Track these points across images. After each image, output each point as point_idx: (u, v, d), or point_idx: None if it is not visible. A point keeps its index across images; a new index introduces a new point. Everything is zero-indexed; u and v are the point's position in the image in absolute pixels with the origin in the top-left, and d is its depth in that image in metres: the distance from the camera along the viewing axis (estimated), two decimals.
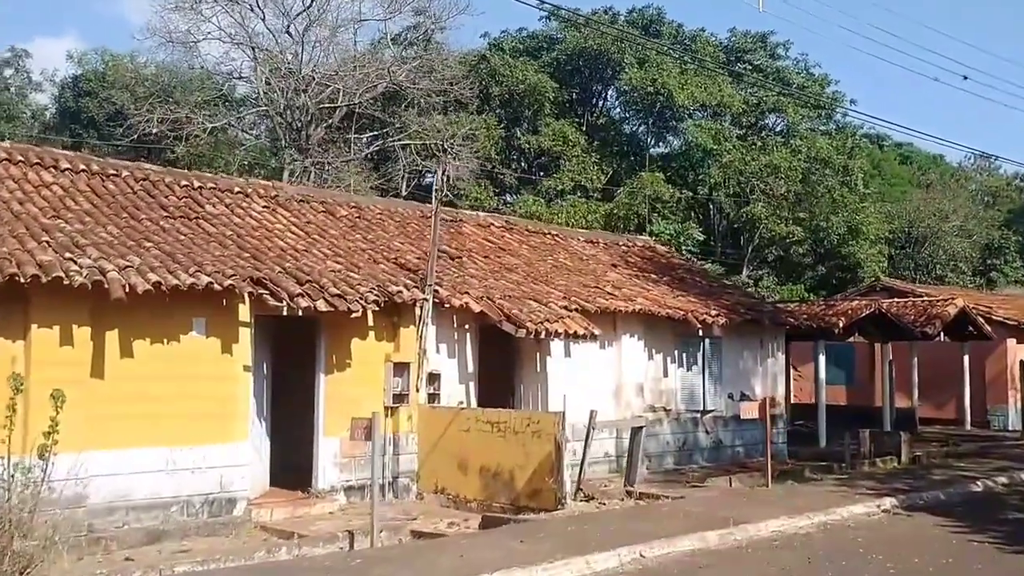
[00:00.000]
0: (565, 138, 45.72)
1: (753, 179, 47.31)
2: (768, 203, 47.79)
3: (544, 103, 46.58)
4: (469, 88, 41.35)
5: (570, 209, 44.09)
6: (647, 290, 21.04)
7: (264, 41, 38.16)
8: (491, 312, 16.67)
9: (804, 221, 49.13)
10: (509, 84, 45.65)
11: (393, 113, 40.25)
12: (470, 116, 43.84)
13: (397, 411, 16.23)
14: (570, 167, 45.75)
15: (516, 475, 14.99)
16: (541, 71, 46.85)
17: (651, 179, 45.49)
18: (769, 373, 22.82)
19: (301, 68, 36.85)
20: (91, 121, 40.64)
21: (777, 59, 52.97)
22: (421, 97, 40.34)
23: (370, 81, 38.82)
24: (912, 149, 67.09)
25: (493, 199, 44.32)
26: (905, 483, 17.00)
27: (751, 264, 51.99)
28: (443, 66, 41.68)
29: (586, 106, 50.32)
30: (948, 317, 26.88)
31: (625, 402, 19.75)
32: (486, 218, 22.52)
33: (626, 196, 45.71)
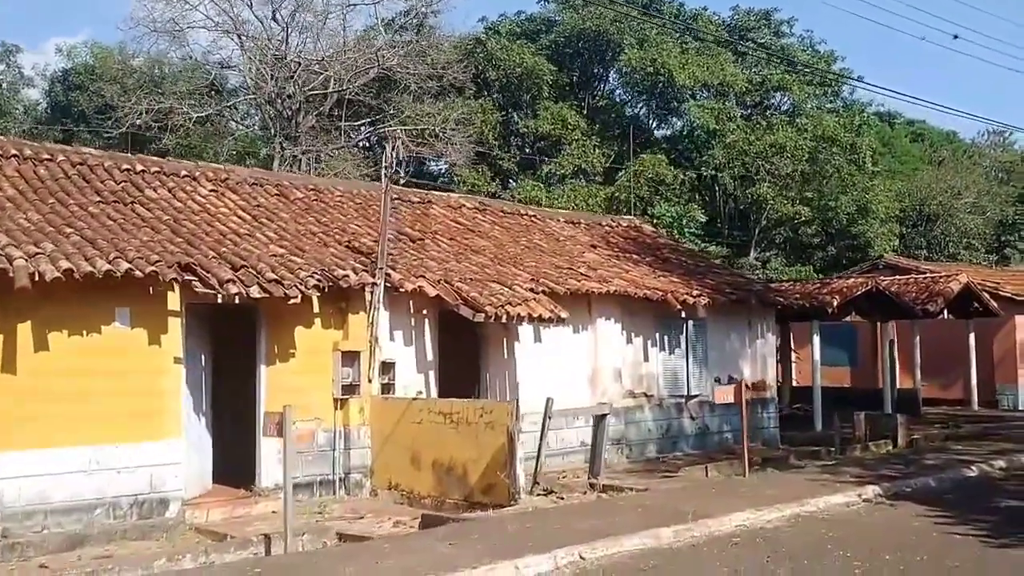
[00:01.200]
0: (564, 122, 44.42)
1: (758, 159, 45.89)
2: (774, 183, 46.42)
3: (542, 86, 45.30)
4: (463, 72, 40.21)
5: (570, 193, 42.90)
6: (626, 271, 19.83)
7: (252, 28, 37.11)
8: (447, 296, 15.52)
9: (812, 201, 47.74)
10: (506, 68, 44.40)
11: (386, 99, 39.14)
12: (465, 101, 42.70)
13: (347, 403, 15.14)
14: (570, 151, 44.47)
15: (469, 469, 13.86)
16: (539, 54, 45.55)
17: (653, 161, 44.24)
18: (758, 355, 21.56)
19: (288, 55, 35.74)
20: (81, 115, 39.74)
21: (782, 36, 51.40)
22: (414, 82, 39.21)
23: (360, 67, 37.75)
24: (924, 127, 65.35)
25: (491, 184, 43.13)
26: (895, 469, 15.74)
27: (759, 246, 50.62)
28: (436, 50, 40.57)
29: (586, 89, 48.94)
30: (951, 294, 25.48)
31: (602, 388, 18.56)
32: (458, 199, 21.36)
33: (627, 179, 44.43)
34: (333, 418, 15.10)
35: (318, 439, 14.96)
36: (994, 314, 26.94)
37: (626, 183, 44.03)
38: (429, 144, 38.71)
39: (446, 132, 37.46)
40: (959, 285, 25.71)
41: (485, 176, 43.46)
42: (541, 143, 45.99)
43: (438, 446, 14.29)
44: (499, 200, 23.76)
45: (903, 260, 32.32)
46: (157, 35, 35.43)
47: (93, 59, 40.58)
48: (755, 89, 49.35)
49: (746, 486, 14.16)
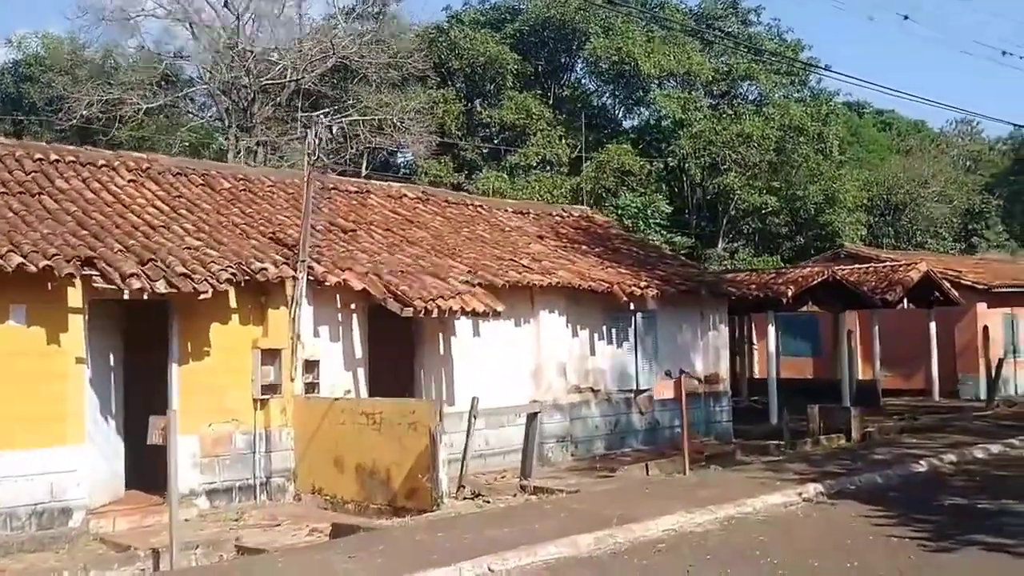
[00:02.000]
0: (529, 112, 43.62)
1: (725, 149, 45.22)
2: (741, 173, 45.79)
3: (507, 76, 44.52)
4: (422, 61, 39.38)
5: (535, 184, 42.12)
6: (572, 262, 19.06)
7: (205, 16, 36.15)
8: (374, 290, 14.71)
9: (779, 191, 47.12)
10: (469, 57, 43.61)
11: (344, 89, 38.29)
12: (427, 90, 41.88)
13: (268, 403, 14.29)
14: (535, 141, 43.69)
15: (392, 472, 13.07)
16: (503, 43, 44.73)
17: (618, 151, 43.48)
18: (711, 347, 20.84)
19: (240, 43, 34.78)
20: (32, 107, 38.63)
21: (749, 25, 50.72)
22: (373, 72, 38.36)
23: (317, 56, 36.87)
24: (893, 116, 64.93)
25: (453, 175, 42.30)
26: (842, 465, 15.04)
27: (727, 236, 50.00)
28: (396, 39, 39.75)
29: (553, 78, 48.13)
30: (911, 282, 24.83)
31: (546, 384, 17.80)
32: (399, 189, 20.51)
33: (593, 169, 43.71)
34: (253, 419, 14.26)
35: (236, 442, 14.13)
36: (955, 303, 26.33)
37: (591, 174, 43.36)
38: (388, 135, 37.93)
39: (404, 122, 36.60)
40: (919, 274, 25.07)
41: (448, 167, 42.65)
42: (506, 133, 45.24)
43: (361, 448, 13.50)
44: (443, 190, 22.95)
45: (864, 249, 31.69)
46: (106, 23, 34.40)
47: (44, 49, 39.47)
48: (722, 78, 48.67)
49: (684, 486, 13.43)
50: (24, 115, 39.37)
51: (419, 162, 41.97)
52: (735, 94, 49.80)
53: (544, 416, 17.62)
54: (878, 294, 24.35)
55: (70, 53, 36.90)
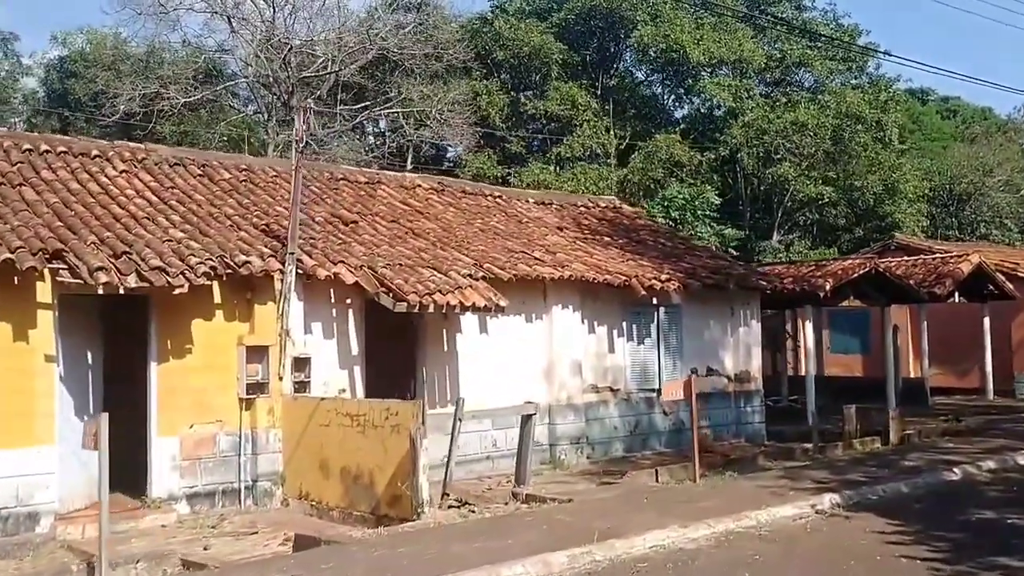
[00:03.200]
0: (574, 102, 42.51)
1: (778, 138, 43.72)
2: (796, 163, 44.22)
3: (552, 66, 43.44)
4: (463, 52, 38.55)
5: (580, 176, 41.09)
6: (590, 254, 18.07)
7: (244, 10, 35.64)
8: (366, 283, 13.91)
9: (836, 181, 45.45)
10: (514, 48, 42.61)
11: (385, 81, 37.62)
12: (470, 82, 41.03)
13: (254, 403, 13.58)
14: (581, 132, 42.60)
15: (376, 478, 12.24)
16: (548, 33, 43.67)
17: (667, 141, 42.22)
18: (741, 344, 19.71)
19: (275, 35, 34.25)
20: (78, 103, 38.56)
21: (803, 11, 48.98)
22: (413, 64, 37.62)
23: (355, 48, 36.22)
24: (959, 103, 62.54)
25: (497, 168, 41.42)
26: (867, 472, 13.84)
27: (782, 228, 48.42)
28: (438, 30, 38.98)
29: (600, 68, 46.88)
30: (961, 275, 23.38)
31: (559, 383, 16.88)
32: (414, 179, 19.68)
33: (641, 160, 42.54)
34: (239, 420, 13.55)
35: (220, 444, 13.43)
36: (1010, 297, 24.77)
37: (639, 165, 42.22)
38: (431, 128, 37.17)
39: (443, 114, 35.81)
40: (970, 266, 23.59)
41: (491, 160, 41.78)
42: (551, 125, 44.21)
43: (346, 452, 12.70)
44: (460, 180, 22.07)
45: (916, 240, 30.12)
46: (144, 18, 34.09)
47: (89, 45, 39.37)
48: (775, 65, 47.09)
49: (688, 495, 12.38)
50: (70, 111, 39.34)
51: (462, 155, 41.14)
52: (789, 81, 48.15)
53: (557, 417, 16.80)
54: (926, 287, 22.97)
55: (113, 48, 36.62)
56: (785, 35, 45.88)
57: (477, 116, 41.25)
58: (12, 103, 40.78)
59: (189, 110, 36.88)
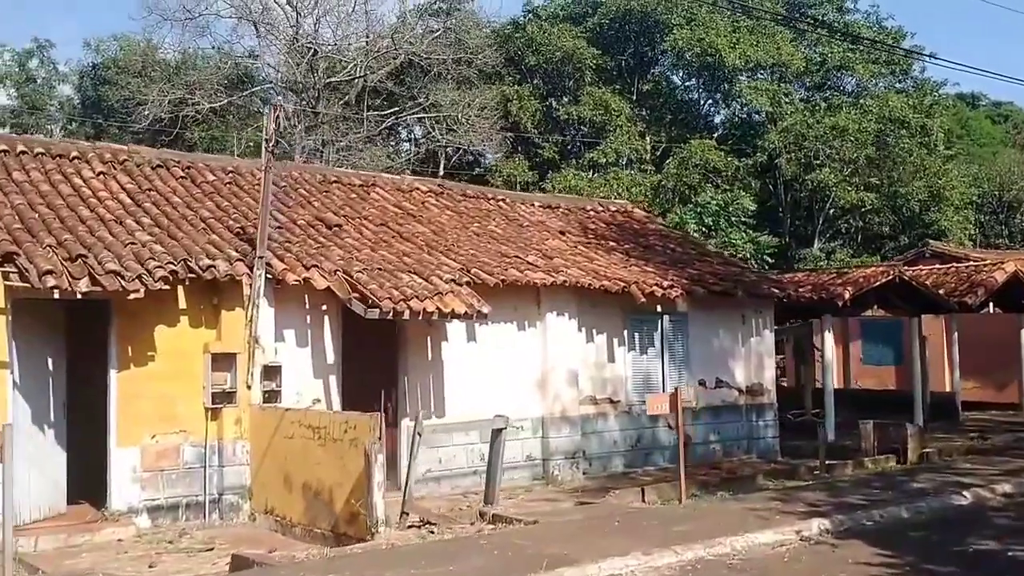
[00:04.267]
0: (608, 107, 41.63)
1: (818, 143, 42.49)
2: (836, 169, 42.94)
3: (585, 71, 42.63)
4: (493, 57, 37.92)
5: (613, 182, 40.20)
6: (590, 260, 17.23)
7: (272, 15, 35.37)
8: (339, 289, 13.23)
9: (880, 187, 44.08)
10: (546, 53, 41.87)
11: (413, 86, 37.09)
12: (501, 87, 40.37)
13: (221, 413, 12.95)
14: (614, 138, 41.73)
15: (335, 494, 11.52)
16: (581, 37, 42.86)
17: (701, 147, 41.20)
18: (753, 354, 18.71)
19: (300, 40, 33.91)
20: (111, 109, 38.53)
21: (845, 13, 47.65)
22: (443, 69, 37.08)
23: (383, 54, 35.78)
24: (1012, 108, 60.68)
25: (529, 174, 40.68)
26: (869, 495, 12.81)
27: (823, 236, 47.12)
28: (468, 35, 38.42)
29: (636, 73, 45.97)
30: (994, 284, 22.12)
31: (553, 394, 16.05)
32: (412, 182, 18.97)
33: (675, 166, 41.57)
34: (204, 430, 12.94)
35: (184, 455, 12.82)
36: None
37: (674, 171, 41.26)
38: (461, 134, 36.57)
39: (470, 119, 35.19)
40: (1004, 275, 22.31)
41: (523, 166, 41.06)
42: (584, 130, 43.40)
43: (307, 466, 12.01)
44: (463, 183, 21.35)
45: (951, 248, 28.83)
46: (171, 24, 33.93)
47: (121, 52, 39.35)
48: (815, 69, 45.90)
49: (665, 517, 11.49)
50: (104, 118, 39.34)
51: (492, 161, 40.48)
52: (830, 85, 46.85)
53: (551, 430, 16.01)
54: (956, 297, 21.76)
55: (143, 55, 36.51)
56: (826, 38, 44.60)
57: (508, 122, 40.58)
58: (49, 110, 40.88)
59: (217, 116, 36.69)
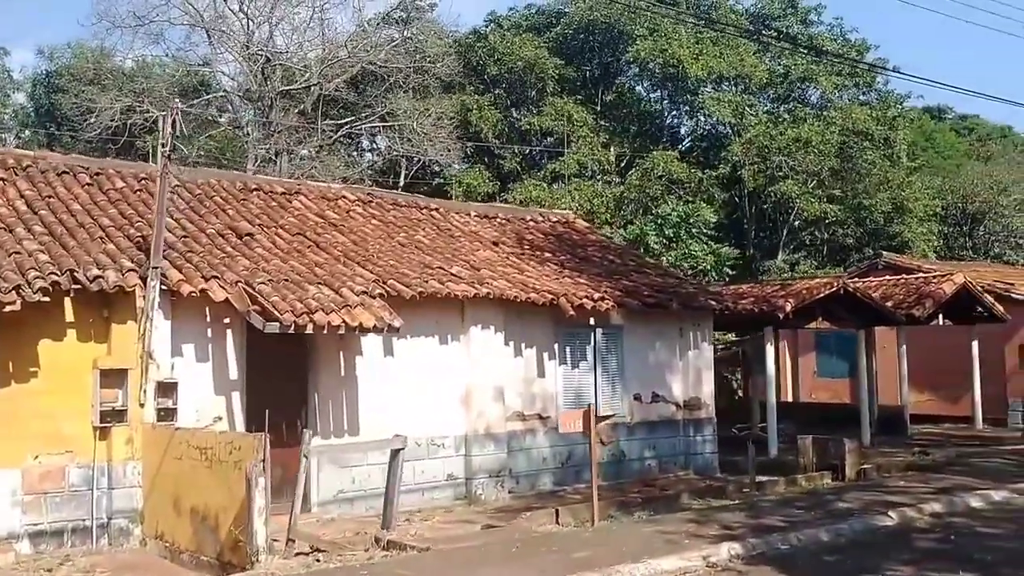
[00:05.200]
0: (570, 117, 41.04)
1: (780, 155, 42.02)
2: (799, 181, 42.47)
3: (547, 81, 42.05)
4: (451, 66, 37.29)
5: (573, 193, 39.57)
6: (520, 271, 16.54)
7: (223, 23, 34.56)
8: (237, 301, 12.48)
9: (844, 199, 43.64)
10: (508, 62, 41.26)
11: (368, 96, 36.42)
12: (460, 97, 39.75)
13: (110, 432, 12.17)
14: (576, 148, 41.14)
15: (221, 519, 10.75)
16: (544, 47, 42.30)
17: (663, 158, 40.64)
18: (691, 368, 18.05)
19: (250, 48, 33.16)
20: (64, 118, 37.65)
21: (809, 25, 47.27)
22: (400, 78, 36.42)
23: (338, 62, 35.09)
24: (977, 121, 60.40)
25: (489, 184, 40.02)
26: (790, 516, 12.12)
27: (787, 247, 46.60)
28: (427, 44, 37.78)
29: (600, 84, 45.42)
30: (943, 296, 21.57)
31: (477, 410, 15.33)
32: (339, 190, 18.24)
33: (637, 177, 40.99)
34: (93, 451, 12.15)
35: (70, 477, 12.02)
36: (1000, 319, 22.90)
37: (636, 182, 40.68)
38: (415, 143, 35.91)
39: (425, 128, 34.52)
40: (953, 286, 21.78)
41: (483, 176, 40.41)
42: (547, 141, 42.81)
43: (195, 488, 11.24)
44: (395, 192, 20.58)
45: (903, 259, 28.25)
46: (123, 31, 33.15)
47: (74, 59, 38.51)
48: (779, 81, 45.49)
49: (568, 543, 10.74)
50: (57, 127, 38.49)
51: (451, 171, 39.80)
52: (794, 97, 46.44)
53: (474, 448, 15.30)
54: (904, 309, 21.19)
55: (94, 62, 35.68)
56: (790, 51, 44.18)
57: (469, 132, 39.97)
58: (2, 118, 39.98)
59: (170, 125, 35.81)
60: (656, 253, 34.55)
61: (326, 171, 33.34)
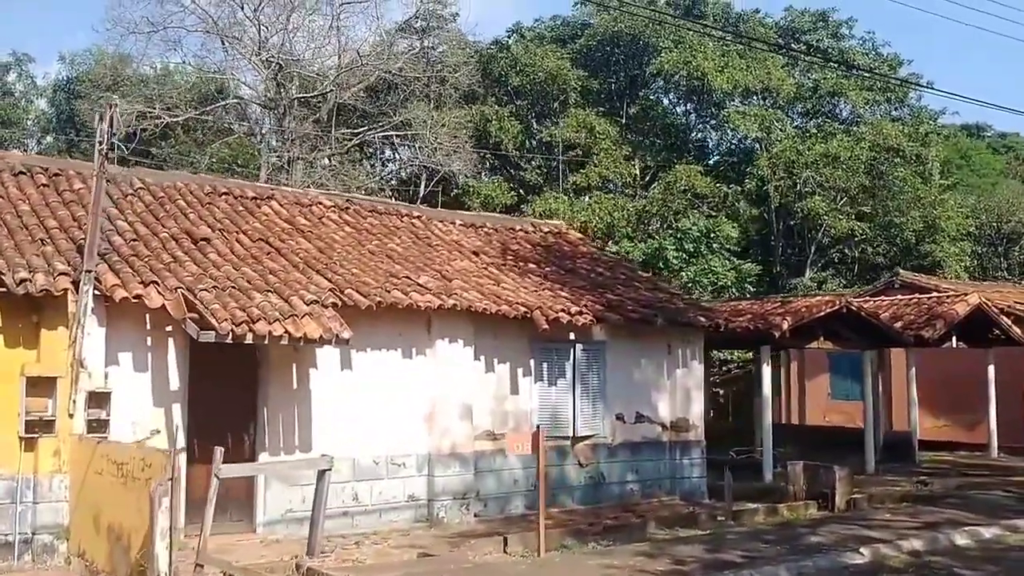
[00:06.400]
0: (592, 130, 40.14)
1: (807, 170, 40.83)
2: (827, 197, 41.26)
3: (569, 93, 41.22)
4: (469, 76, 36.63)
5: (594, 206, 38.69)
6: (497, 283, 15.67)
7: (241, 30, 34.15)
8: (174, 309, 11.75)
9: (873, 217, 42.30)
10: (530, 73, 40.49)
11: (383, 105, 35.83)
12: (479, 108, 39.07)
13: (37, 443, 11.47)
14: (598, 161, 40.25)
15: (133, 539, 9.99)
16: (567, 58, 41.49)
17: (686, 172, 39.64)
18: (679, 387, 17.05)
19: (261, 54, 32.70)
20: (84, 124, 37.46)
21: (840, 39, 46.02)
22: (417, 88, 35.82)
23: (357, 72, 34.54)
24: (1018, 139, 58.61)
25: (508, 196, 39.23)
26: (754, 549, 11.13)
27: (815, 265, 45.26)
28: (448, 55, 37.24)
29: (624, 97, 44.49)
30: (955, 317, 20.36)
31: (442, 428, 14.47)
32: (316, 196, 17.48)
33: (660, 192, 40.02)
34: (18, 463, 11.46)
35: None
36: (1018, 342, 21.63)
37: (658, 196, 39.73)
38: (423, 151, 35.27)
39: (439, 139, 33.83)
40: (967, 307, 20.55)
41: (502, 188, 39.64)
42: (569, 153, 41.93)
43: (113, 505, 10.50)
44: (376, 199, 19.78)
45: (921, 278, 26.93)
46: (135, 36, 32.83)
47: (95, 67, 38.35)
48: (808, 96, 44.30)
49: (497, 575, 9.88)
50: (76, 133, 38.34)
51: (469, 182, 39.06)
52: (824, 112, 45.21)
53: (438, 468, 14.45)
54: (914, 330, 20.03)
55: (112, 68, 35.45)
56: (820, 65, 42.99)
57: (488, 143, 39.26)
58: (23, 124, 39.92)
59: (186, 132, 35.62)
60: (675, 268, 33.62)
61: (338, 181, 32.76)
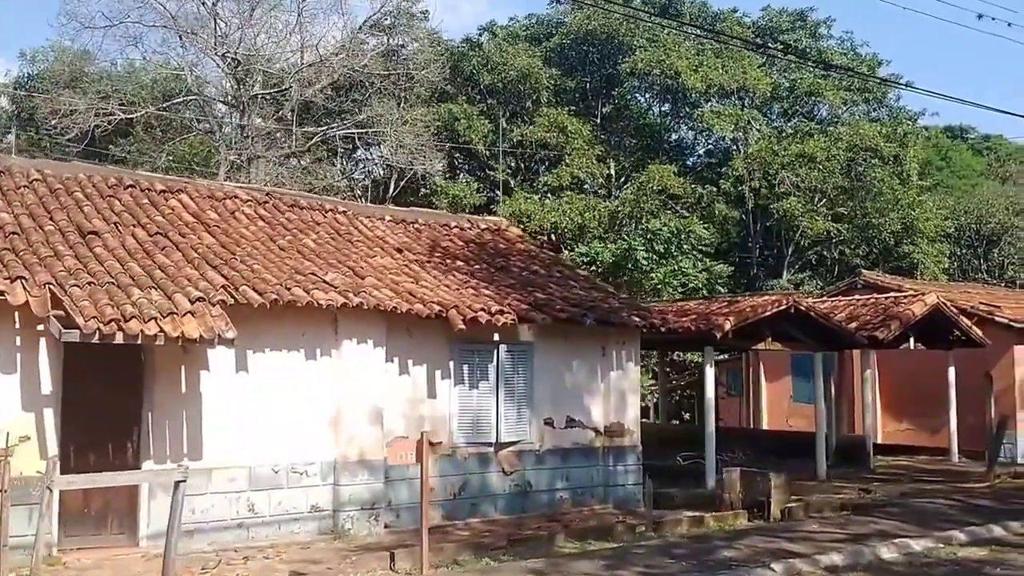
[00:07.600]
0: (564, 129, 39.29)
1: (783, 171, 39.97)
2: (803, 198, 40.38)
3: (541, 91, 40.37)
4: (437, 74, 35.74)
5: (565, 206, 37.78)
6: (415, 281, 14.72)
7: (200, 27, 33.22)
8: (37, 307, 10.82)
9: (852, 218, 41.42)
10: (501, 71, 39.66)
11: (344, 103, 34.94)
12: (447, 106, 38.23)
13: None
14: (570, 161, 39.39)
15: None
16: (540, 57, 40.68)
17: (659, 172, 38.76)
18: (613, 391, 16.08)
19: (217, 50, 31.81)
20: (44, 121, 36.54)
21: (818, 39, 45.17)
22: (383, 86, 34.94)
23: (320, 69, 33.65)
24: (1001, 140, 57.79)
25: (476, 196, 38.36)
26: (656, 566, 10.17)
27: (792, 266, 44.37)
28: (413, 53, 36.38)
29: (598, 96, 43.63)
30: (911, 318, 19.42)
31: (349, 435, 13.48)
32: (232, 189, 16.52)
33: (633, 192, 39.16)
34: None
35: None
36: (978, 344, 20.70)
37: (631, 196, 38.85)
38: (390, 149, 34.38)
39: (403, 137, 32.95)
40: (924, 307, 19.60)
41: (471, 188, 38.78)
42: (541, 153, 41.07)
43: None
44: (297, 193, 18.78)
45: (884, 279, 25.95)
46: (91, 31, 31.96)
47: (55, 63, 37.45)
48: (784, 96, 43.44)
49: None
50: (36, 130, 37.44)
51: (436, 181, 38.19)
52: (801, 112, 44.35)
53: (344, 476, 13.46)
54: (868, 330, 19.10)
55: (70, 65, 34.54)
56: (797, 64, 42.12)
57: (457, 142, 38.40)
58: None
59: (145, 129, 34.74)
60: (645, 269, 32.66)
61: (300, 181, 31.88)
